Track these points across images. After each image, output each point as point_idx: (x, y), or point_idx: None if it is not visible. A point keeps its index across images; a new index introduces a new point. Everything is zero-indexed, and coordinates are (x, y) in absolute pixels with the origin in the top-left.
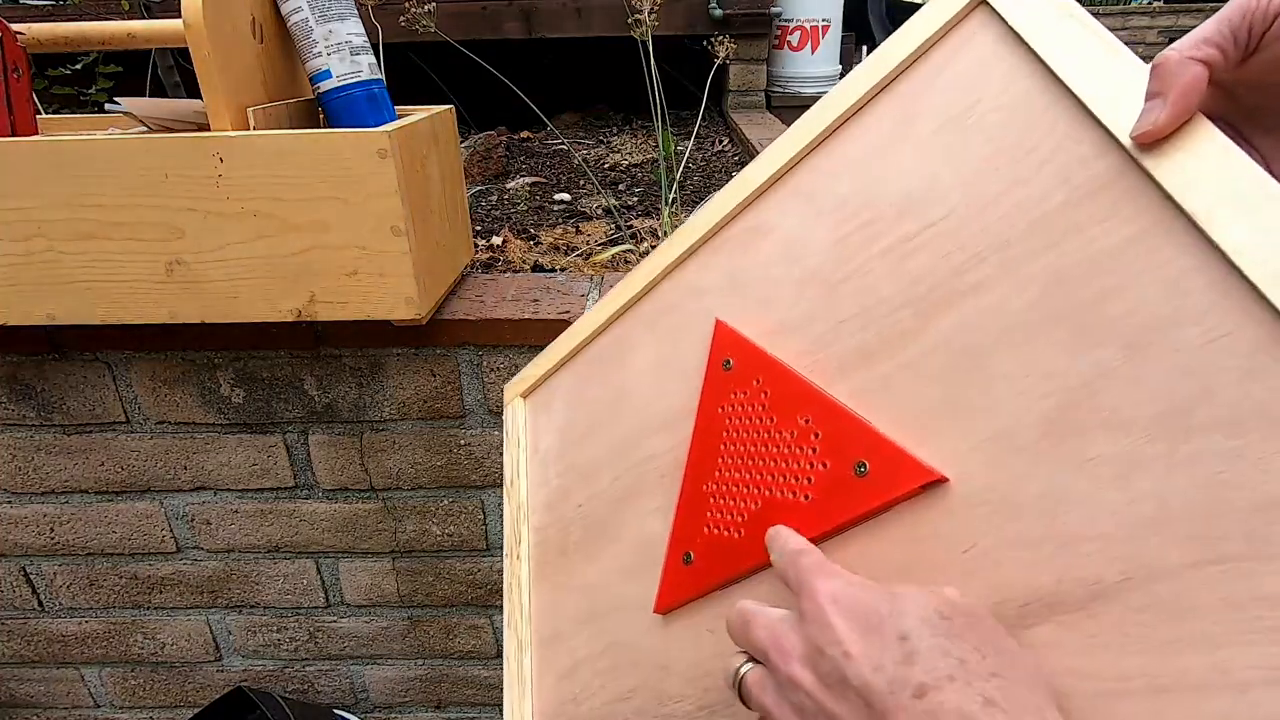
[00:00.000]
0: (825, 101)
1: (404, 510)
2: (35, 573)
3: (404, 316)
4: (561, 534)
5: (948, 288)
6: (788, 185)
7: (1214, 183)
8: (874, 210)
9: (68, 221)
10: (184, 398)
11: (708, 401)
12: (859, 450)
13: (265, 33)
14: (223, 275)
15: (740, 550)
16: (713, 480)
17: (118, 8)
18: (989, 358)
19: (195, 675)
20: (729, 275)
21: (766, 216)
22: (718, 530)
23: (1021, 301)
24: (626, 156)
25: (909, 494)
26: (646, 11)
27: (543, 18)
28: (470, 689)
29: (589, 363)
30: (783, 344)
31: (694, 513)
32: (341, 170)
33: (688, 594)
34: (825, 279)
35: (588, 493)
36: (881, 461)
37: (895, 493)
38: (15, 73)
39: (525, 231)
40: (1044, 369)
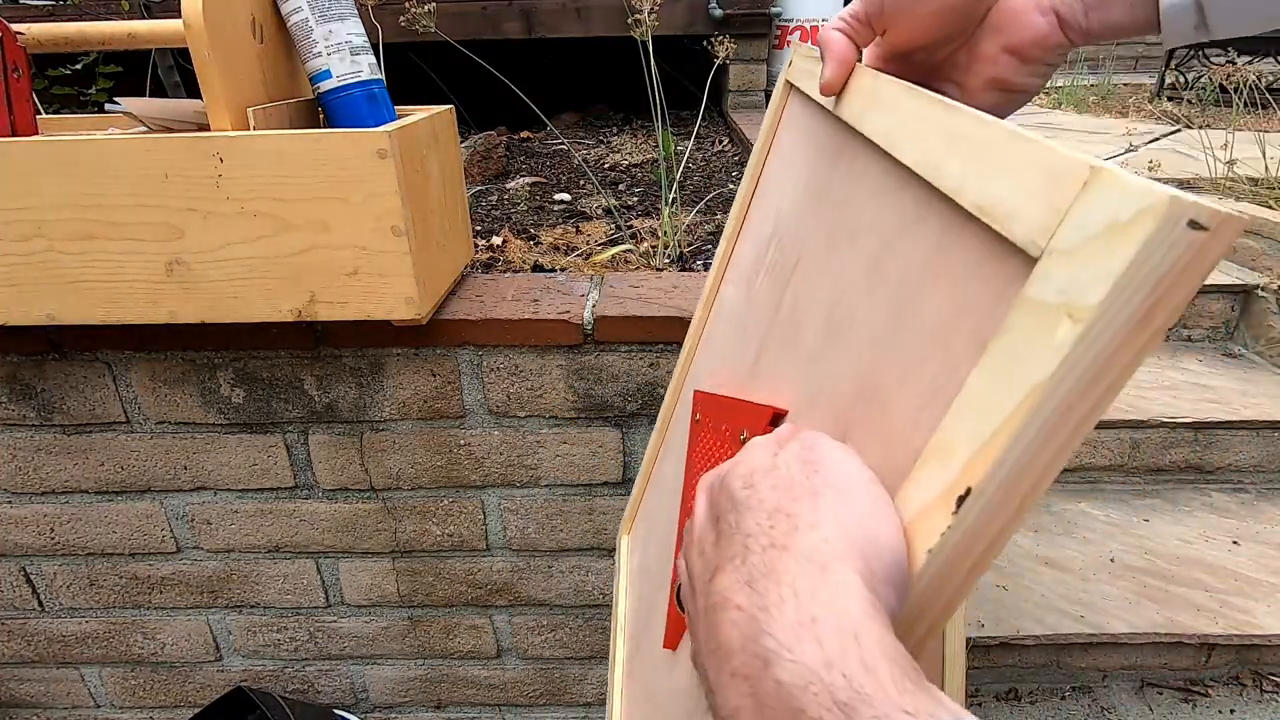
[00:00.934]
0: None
1: (404, 510)
2: (35, 573)
3: (404, 316)
4: (634, 635)
5: (786, 271)
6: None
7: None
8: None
9: (68, 221)
10: (184, 398)
11: (690, 453)
12: (741, 423)
13: (265, 33)
14: (223, 275)
15: None
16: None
17: (118, 8)
18: (804, 305)
19: (195, 675)
20: (704, 355)
21: (717, 303)
22: None
23: (815, 252)
24: (626, 156)
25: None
26: (646, 11)
27: (543, 18)
28: (470, 689)
29: (652, 480)
30: (724, 384)
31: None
32: (341, 170)
33: (680, 618)
34: (740, 321)
35: (650, 584)
36: (751, 423)
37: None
38: (15, 73)
39: (525, 231)
40: (824, 287)
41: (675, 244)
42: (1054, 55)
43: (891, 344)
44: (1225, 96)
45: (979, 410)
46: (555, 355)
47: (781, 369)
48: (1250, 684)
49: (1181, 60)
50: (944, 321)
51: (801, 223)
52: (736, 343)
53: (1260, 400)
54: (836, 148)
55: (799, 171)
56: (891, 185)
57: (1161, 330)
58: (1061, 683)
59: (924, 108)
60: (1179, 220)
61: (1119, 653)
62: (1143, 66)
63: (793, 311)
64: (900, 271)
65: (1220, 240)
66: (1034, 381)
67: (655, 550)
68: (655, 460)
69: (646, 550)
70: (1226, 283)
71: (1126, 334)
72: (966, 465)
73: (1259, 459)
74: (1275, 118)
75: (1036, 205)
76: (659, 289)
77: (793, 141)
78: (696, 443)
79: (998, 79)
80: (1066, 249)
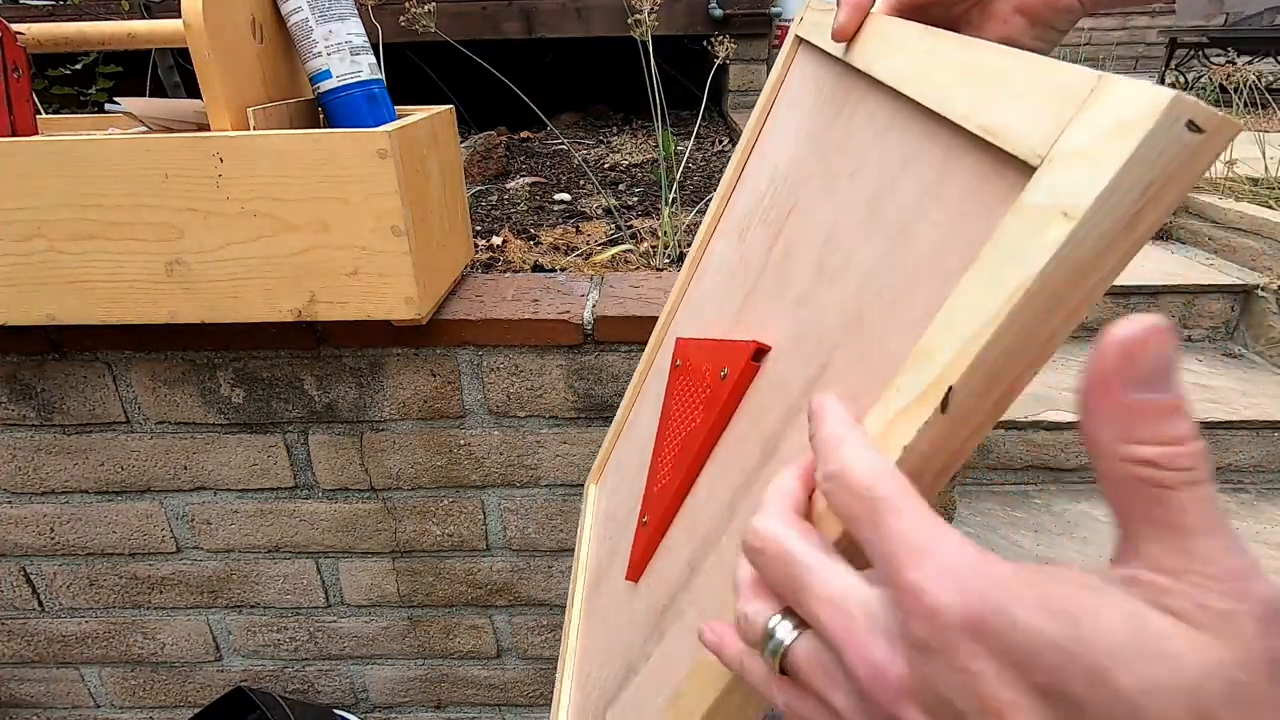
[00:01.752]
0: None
1: (404, 510)
2: (35, 573)
3: (404, 316)
4: (596, 573)
5: (781, 217)
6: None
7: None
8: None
9: (68, 221)
10: (184, 398)
11: (667, 397)
12: (722, 362)
13: (265, 33)
14: (223, 275)
15: (669, 489)
16: (663, 450)
17: (118, 8)
18: (796, 248)
19: (195, 675)
20: (688, 306)
21: (706, 259)
22: (659, 484)
23: (811, 191)
24: (626, 156)
25: (744, 372)
26: (646, 11)
27: (543, 18)
28: (470, 689)
29: (626, 430)
30: (710, 329)
31: (650, 482)
32: (341, 170)
33: (645, 552)
34: (730, 268)
35: (614, 525)
36: (731, 360)
37: (737, 372)
38: (15, 73)
39: (525, 231)
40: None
41: (675, 244)
42: (1063, 19)
43: (882, 276)
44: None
45: (964, 311)
46: (555, 355)
47: (767, 311)
48: None
49: (1182, 60)
50: (937, 246)
51: (799, 170)
52: (724, 292)
53: (1260, 400)
54: (843, 94)
55: (801, 122)
56: (899, 123)
57: (1150, 231)
58: None
59: (939, 44)
60: (1178, 120)
61: None
62: (1143, 66)
63: (784, 257)
64: (899, 207)
65: (1215, 143)
66: (1022, 277)
67: (624, 495)
68: (630, 410)
69: (615, 496)
70: (1226, 283)
71: (1118, 231)
72: (948, 365)
73: (1259, 459)
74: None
75: (1044, 119)
76: (659, 289)
77: (797, 94)
78: (674, 386)
79: (1007, 38)
80: (1067, 153)
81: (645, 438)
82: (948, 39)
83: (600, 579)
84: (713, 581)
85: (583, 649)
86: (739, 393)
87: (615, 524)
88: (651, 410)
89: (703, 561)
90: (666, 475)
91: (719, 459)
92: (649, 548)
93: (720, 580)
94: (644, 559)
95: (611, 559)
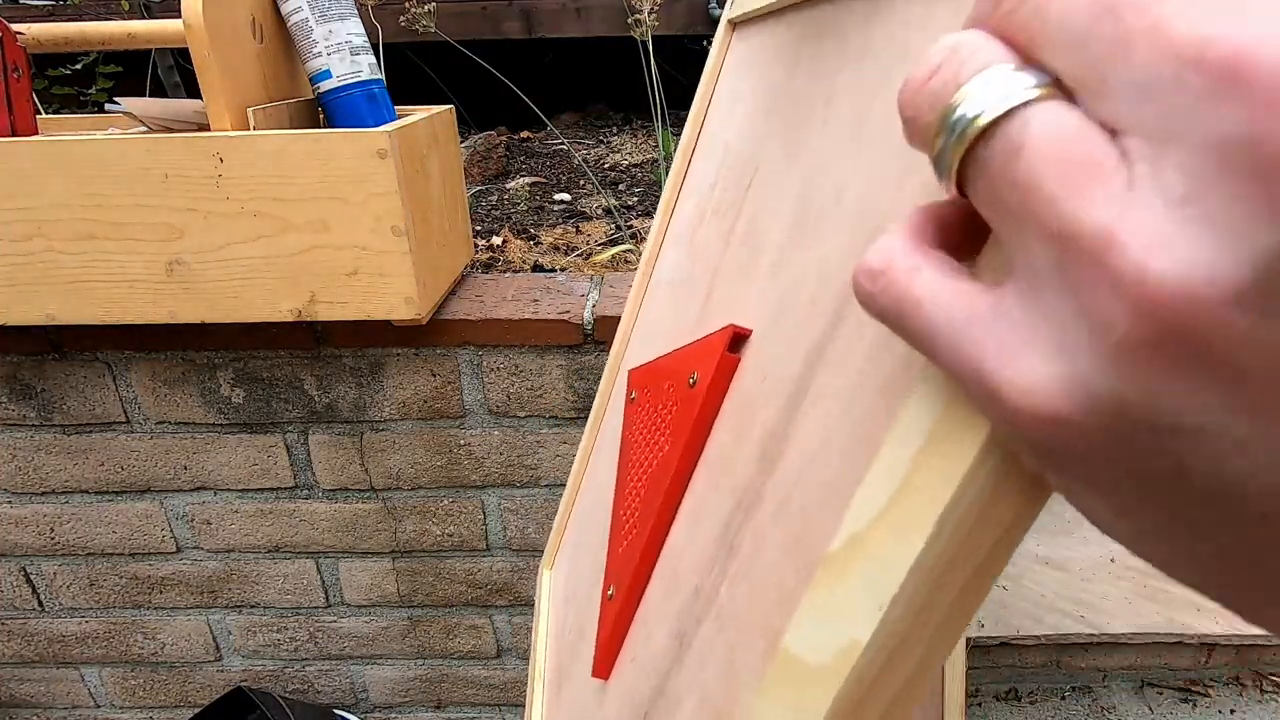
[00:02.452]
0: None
1: (404, 510)
2: (35, 573)
3: (404, 316)
4: (557, 672)
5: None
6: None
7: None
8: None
9: (68, 221)
10: (184, 398)
11: (623, 441)
12: (689, 369)
13: (265, 33)
14: (223, 275)
15: (636, 544)
16: (624, 502)
17: (118, 8)
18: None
19: (195, 675)
20: (637, 339)
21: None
22: (624, 544)
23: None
24: (626, 156)
25: (720, 368)
26: (646, 11)
27: (543, 18)
28: (470, 689)
29: (579, 502)
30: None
31: (614, 545)
32: (341, 170)
33: (615, 633)
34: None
35: (574, 612)
36: (701, 359)
37: (710, 371)
38: (15, 73)
39: (525, 231)
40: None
41: None
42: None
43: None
44: None
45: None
46: (555, 355)
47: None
48: (1250, 684)
49: None
50: None
51: (753, 140)
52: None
53: None
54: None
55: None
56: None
57: None
58: (1061, 683)
59: None
60: None
61: (1119, 653)
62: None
63: (748, 233)
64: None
65: None
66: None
67: (584, 573)
68: (580, 480)
69: (574, 573)
70: None
71: None
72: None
73: None
74: None
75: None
76: None
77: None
78: (632, 424)
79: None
80: None
81: (602, 503)
82: None
83: (562, 681)
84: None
85: None
86: (716, 397)
87: (574, 608)
88: (608, 468)
89: (695, 626)
90: (633, 529)
91: (698, 488)
92: (619, 629)
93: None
94: (613, 645)
95: (574, 654)
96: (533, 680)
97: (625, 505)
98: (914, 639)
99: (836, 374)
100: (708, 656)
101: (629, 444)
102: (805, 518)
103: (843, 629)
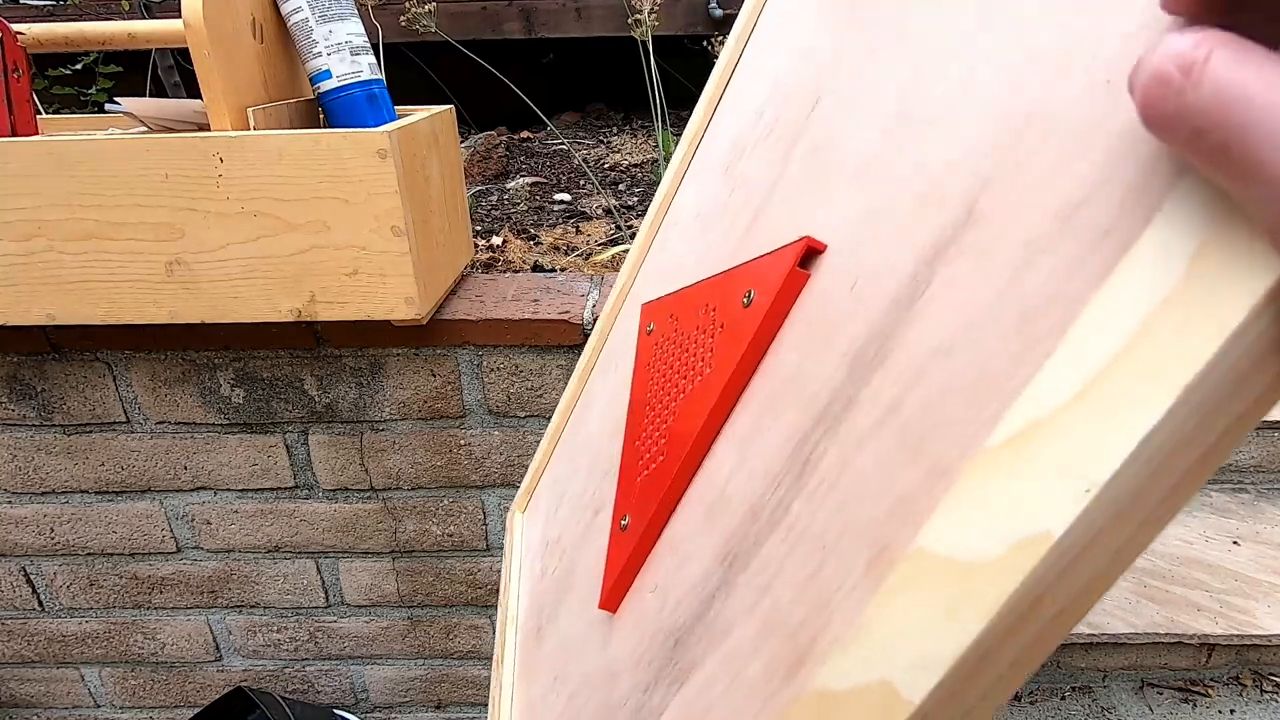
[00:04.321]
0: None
1: (404, 510)
2: (35, 573)
3: (404, 316)
4: (537, 615)
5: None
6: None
7: None
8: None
9: (68, 221)
10: (184, 398)
11: (637, 372)
12: (744, 286)
13: (265, 33)
14: (223, 275)
15: (662, 471)
16: (642, 433)
17: (118, 8)
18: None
19: (195, 675)
20: (653, 277)
21: (672, 216)
22: (645, 473)
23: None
24: (626, 156)
25: (789, 283)
26: (646, 11)
27: (543, 18)
28: (470, 689)
29: (562, 445)
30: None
31: (628, 478)
32: (341, 170)
33: (627, 565)
34: (718, 206)
35: (558, 554)
36: (760, 276)
37: (774, 290)
38: (15, 73)
39: (525, 231)
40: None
41: None
42: None
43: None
44: None
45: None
46: (555, 355)
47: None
48: (1250, 684)
49: None
50: None
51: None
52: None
53: None
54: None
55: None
56: None
57: None
58: (1061, 683)
59: None
60: None
61: (1119, 653)
62: None
63: (815, 150)
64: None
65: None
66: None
67: (572, 511)
68: (565, 422)
69: (555, 518)
70: None
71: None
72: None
73: (1259, 459)
74: None
75: None
76: None
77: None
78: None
79: None
80: None
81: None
82: None
83: (543, 625)
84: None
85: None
86: (778, 316)
87: (558, 550)
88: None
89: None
90: (657, 455)
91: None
92: (635, 559)
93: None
94: (627, 576)
95: (561, 596)
96: (503, 627)
97: (642, 436)
98: (1116, 531)
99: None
100: (774, 577)
101: (645, 376)
102: (927, 418)
103: (1023, 522)
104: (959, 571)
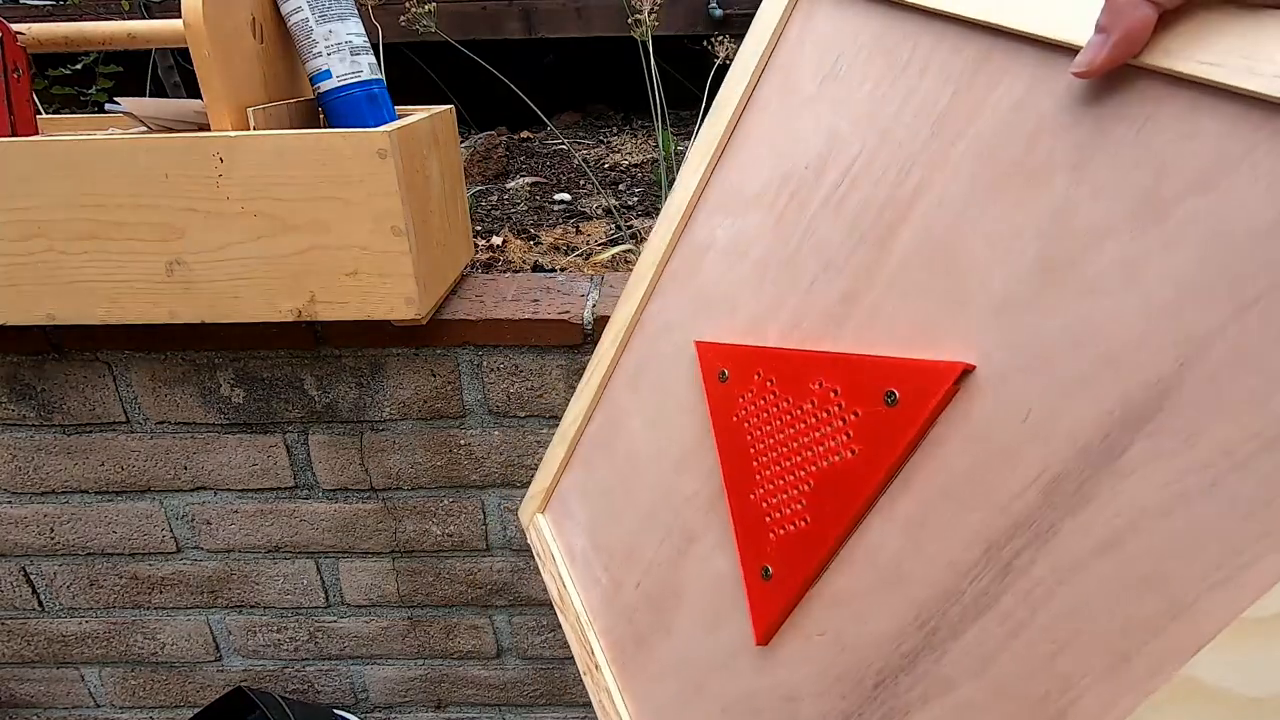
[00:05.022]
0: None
1: (404, 510)
2: (35, 573)
3: (404, 317)
4: (630, 624)
5: (893, 204)
6: (707, 199)
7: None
8: (795, 180)
9: (68, 221)
10: (184, 398)
11: (719, 417)
12: (881, 383)
13: (265, 33)
14: (223, 275)
15: (814, 536)
16: (758, 487)
17: (118, 8)
18: (958, 244)
19: (195, 675)
20: (689, 301)
21: (699, 235)
22: (784, 530)
23: (961, 184)
24: (626, 156)
25: (945, 397)
26: (646, 11)
27: (543, 18)
28: (470, 689)
29: (588, 451)
30: (766, 332)
31: (753, 527)
32: (341, 170)
33: (781, 609)
34: (778, 258)
35: (640, 570)
36: (906, 382)
37: (931, 401)
38: (15, 73)
39: (525, 231)
40: (1010, 228)
41: None
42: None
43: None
44: None
45: None
46: (555, 355)
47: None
48: None
49: None
50: None
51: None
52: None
53: None
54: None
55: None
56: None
57: None
58: None
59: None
60: None
61: None
62: None
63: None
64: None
65: None
66: None
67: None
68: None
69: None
70: None
71: None
72: None
73: None
74: None
75: None
76: None
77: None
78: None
79: None
80: None
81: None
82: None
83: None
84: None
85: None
86: (931, 423)
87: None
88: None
89: (962, 623)
90: (800, 517)
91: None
92: (784, 604)
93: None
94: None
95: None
96: (577, 627)
97: (760, 492)
98: None
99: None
100: (998, 652)
101: (738, 430)
102: (1157, 560)
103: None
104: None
